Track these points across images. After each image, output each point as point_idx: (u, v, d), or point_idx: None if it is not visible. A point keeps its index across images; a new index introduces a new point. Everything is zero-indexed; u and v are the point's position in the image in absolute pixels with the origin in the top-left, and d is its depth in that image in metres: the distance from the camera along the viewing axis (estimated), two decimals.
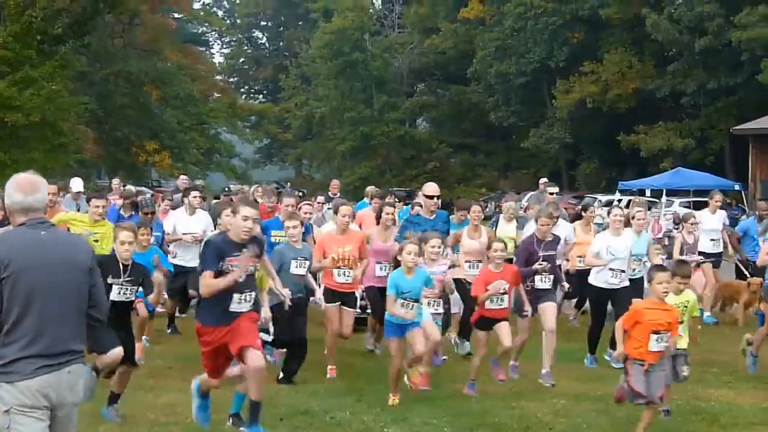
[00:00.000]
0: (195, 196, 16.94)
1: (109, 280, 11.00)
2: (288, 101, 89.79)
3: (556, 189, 21.03)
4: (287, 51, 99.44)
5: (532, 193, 35.30)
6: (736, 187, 47.57)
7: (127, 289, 11.55)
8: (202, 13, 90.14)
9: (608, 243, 15.93)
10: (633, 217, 16.71)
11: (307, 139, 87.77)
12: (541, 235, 15.28)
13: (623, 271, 15.72)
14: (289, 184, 61.85)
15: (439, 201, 13.81)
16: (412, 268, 12.89)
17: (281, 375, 14.51)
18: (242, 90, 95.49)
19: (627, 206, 23.22)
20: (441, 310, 15.23)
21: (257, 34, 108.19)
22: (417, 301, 13.48)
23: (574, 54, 67.15)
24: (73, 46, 46.76)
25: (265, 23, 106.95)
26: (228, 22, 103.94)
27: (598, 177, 60.75)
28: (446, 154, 77.42)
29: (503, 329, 13.93)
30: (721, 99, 59.38)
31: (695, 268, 20.17)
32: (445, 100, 78.35)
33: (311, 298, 14.89)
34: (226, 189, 26.02)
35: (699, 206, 33.25)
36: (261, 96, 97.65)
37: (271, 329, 14.25)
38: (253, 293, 10.68)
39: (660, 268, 12.39)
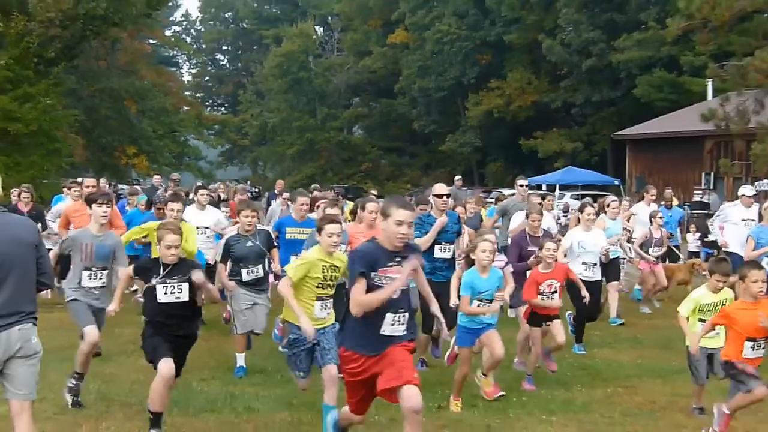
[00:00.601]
0: (202, 194, 16.35)
1: (153, 281, 9.13)
2: (245, 113, 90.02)
3: (525, 182, 19.03)
4: (245, 71, 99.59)
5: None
6: (616, 183, 47.94)
7: (174, 286, 9.33)
8: (173, 40, 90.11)
9: (580, 238, 15.10)
10: (608, 206, 16.48)
11: (261, 144, 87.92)
12: (532, 231, 14.14)
13: (595, 264, 14.92)
14: (248, 182, 61.90)
15: (449, 200, 12.26)
16: (487, 267, 11.10)
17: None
18: (207, 103, 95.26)
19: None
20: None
21: (219, 56, 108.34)
22: (491, 301, 11.73)
23: (482, 73, 67.40)
24: (64, 67, 46.53)
25: (225, 48, 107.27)
26: (195, 46, 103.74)
27: (503, 174, 61.01)
28: (377, 156, 77.56)
29: (556, 326, 12.65)
30: (604, 110, 59.92)
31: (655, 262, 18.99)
32: (376, 111, 78.40)
33: None
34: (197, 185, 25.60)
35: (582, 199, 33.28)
36: (223, 108, 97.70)
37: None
38: (407, 314, 8.03)
39: (753, 265, 10.44)
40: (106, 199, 11.30)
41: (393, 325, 7.76)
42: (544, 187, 42.88)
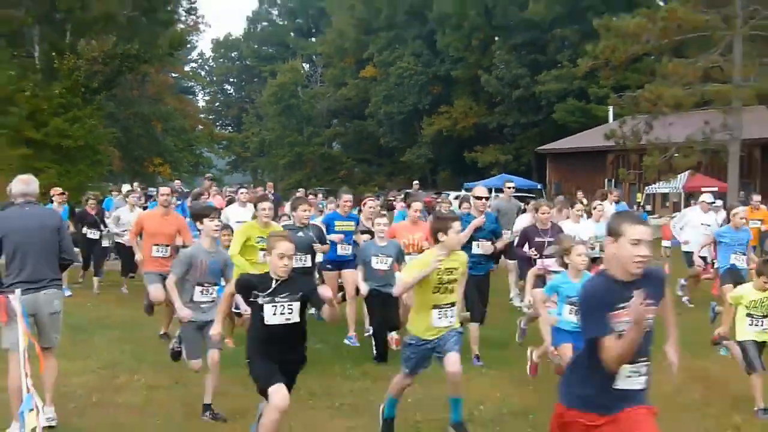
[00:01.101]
0: (242, 192, 15.78)
1: (260, 299, 6.77)
2: (247, 131, 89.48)
3: (512, 184, 18.41)
4: (247, 98, 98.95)
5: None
6: (539, 187, 48.14)
7: (284, 306, 6.86)
8: (190, 73, 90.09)
9: (570, 229, 13.07)
10: (594, 209, 15.10)
11: (260, 156, 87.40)
12: (541, 223, 12.57)
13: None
14: (252, 185, 61.85)
15: (488, 202, 11.15)
16: (581, 272, 9.08)
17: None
18: (217, 124, 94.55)
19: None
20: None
21: (227, 87, 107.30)
22: None
23: (434, 100, 67.37)
24: (105, 96, 46.62)
25: (232, 80, 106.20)
26: (207, 79, 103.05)
27: (451, 180, 61.05)
28: (351, 166, 77.34)
29: None
30: (529, 130, 60.11)
31: None
32: (350, 130, 78.26)
33: None
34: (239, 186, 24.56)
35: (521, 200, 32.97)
36: (229, 128, 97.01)
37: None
38: (647, 363, 5.33)
39: None
40: (217, 214, 9.84)
41: (630, 377, 5.08)
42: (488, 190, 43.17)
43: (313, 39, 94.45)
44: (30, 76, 42.24)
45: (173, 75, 71.84)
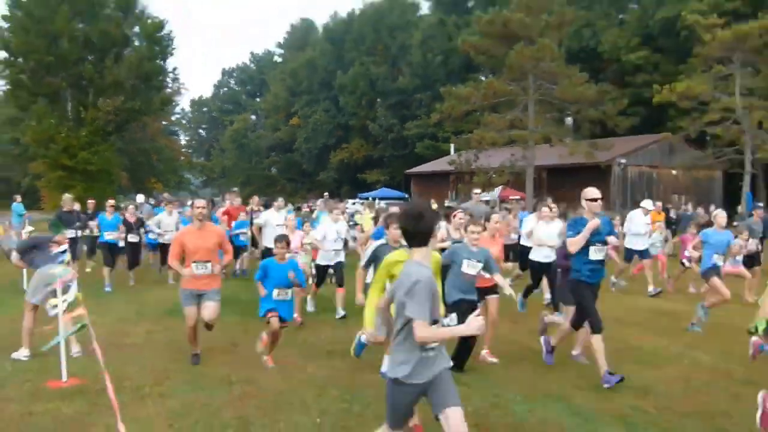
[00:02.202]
0: (280, 200, 13.70)
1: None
2: (214, 160, 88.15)
3: (479, 190, 15.63)
4: (214, 138, 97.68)
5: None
6: (406, 197, 48.05)
7: None
8: (175, 121, 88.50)
9: (541, 228, 10.47)
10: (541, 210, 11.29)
11: (222, 178, 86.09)
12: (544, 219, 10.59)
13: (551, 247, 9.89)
14: (221, 197, 60.88)
15: (601, 203, 7.40)
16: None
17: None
18: (193, 156, 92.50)
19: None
20: None
21: (200, 131, 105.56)
22: None
23: (338, 140, 66.77)
24: (117, 136, 46.52)
25: (204, 126, 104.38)
26: (187, 125, 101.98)
27: (350, 193, 60.27)
28: (284, 183, 76.21)
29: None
30: (400, 159, 59.90)
31: None
32: (283, 160, 77.09)
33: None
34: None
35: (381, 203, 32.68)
36: (202, 158, 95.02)
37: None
38: None
39: None
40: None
41: None
42: (369, 199, 43.20)
43: (258, 99, 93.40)
44: (65, 123, 43.74)
45: (164, 122, 70.18)
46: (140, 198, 21.80)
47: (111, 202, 14.94)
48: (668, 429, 5.44)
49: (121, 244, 14.24)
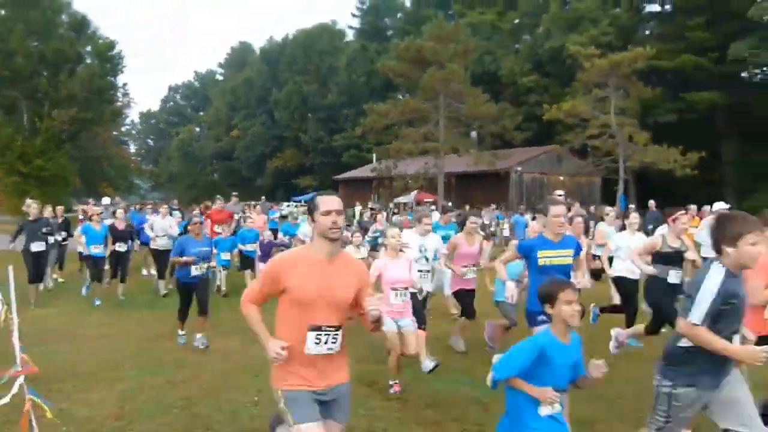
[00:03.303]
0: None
1: None
2: (161, 168, 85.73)
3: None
4: (162, 148, 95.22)
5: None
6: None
7: None
8: (125, 131, 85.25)
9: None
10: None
11: (170, 182, 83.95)
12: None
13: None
14: (175, 201, 59.12)
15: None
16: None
17: None
18: (143, 163, 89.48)
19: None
20: None
21: (149, 140, 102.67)
22: None
23: (273, 150, 66.06)
24: (71, 144, 44.54)
25: (152, 136, 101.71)
26: (136, 135, 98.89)
27: (284, 196, 59.46)
28: (224, 188, 73.94)
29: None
30: (329, 167, 59.47)
31: None
32: (223, 167, 75.86)
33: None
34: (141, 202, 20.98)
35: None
36: (151, 165, 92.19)
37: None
38: None
39: None
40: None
41: None
42: (302, 202, 42.82)
43: (201, 113, 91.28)
44: (21, 132, 41.57)
45: (114, 132, 67.58)
46: (106, 200, 19.25)
47: (97, 210, 12.08)
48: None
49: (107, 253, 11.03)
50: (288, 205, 36.83)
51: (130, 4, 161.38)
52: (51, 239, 11.02)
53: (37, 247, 10.21)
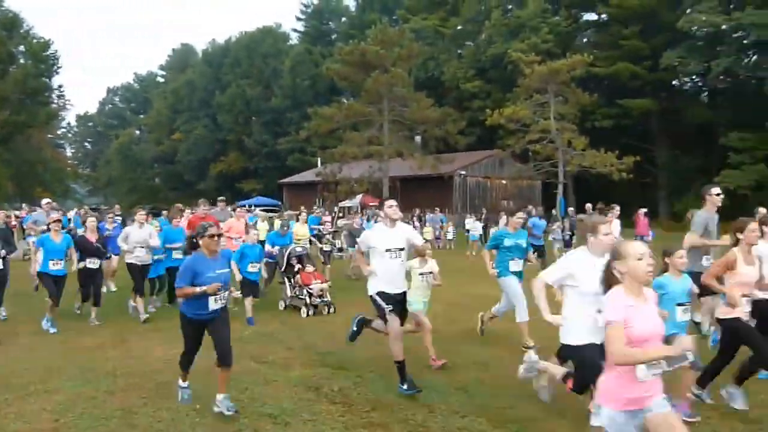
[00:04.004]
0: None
1: None
2: (100, 172, 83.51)
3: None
4: (100, 151, 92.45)
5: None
6: (279, 204, 47.45)
7: None
8: (61, 134, 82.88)
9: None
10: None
11: (108, 186, 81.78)
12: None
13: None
14: (117, 206, 57.39)
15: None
16: None
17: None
18: (80, 167, 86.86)
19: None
20: None
21: (86, 144, 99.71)
22: None
23: (217, 153, 65.18)
24: (3, 147, 42.51)
25: (90, 139, 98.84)
26: (73, 138, 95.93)
27: (230, 201, 59.06)
28: (166, 192, 72.90)
29: None
30: (274, 171, 58.98)
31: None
32: (165, 171, 74.21)
33: None
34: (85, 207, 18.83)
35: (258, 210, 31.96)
36: (89, 169, 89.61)
37: None
38: None
39: None
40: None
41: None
42: (246, 206, 42.20)
43: (142, 116, 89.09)
44: None
45: (50, 135, 65.55)
46: (45, 202, 16.25)
47: (54, 216, 9.41)
48: (498, 394, 5.64)
49: (73, 268, 9.04)
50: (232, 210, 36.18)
51: (67, 3, 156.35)
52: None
53: None
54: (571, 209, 22.67)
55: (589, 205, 19.15)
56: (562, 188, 33.16)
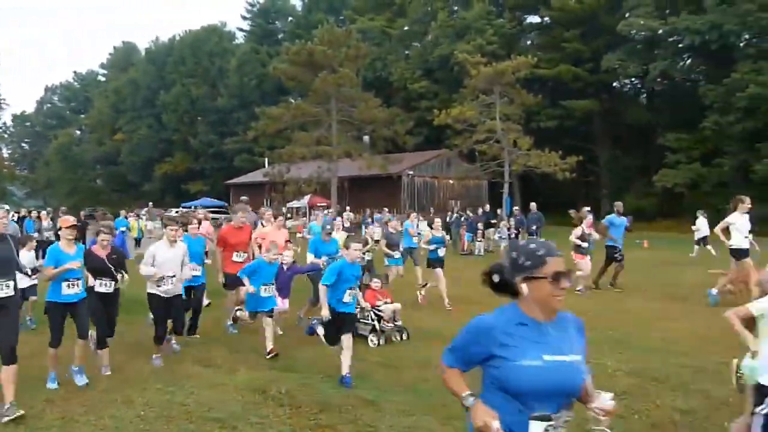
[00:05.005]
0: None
1: None
2: (38, 173, 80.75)
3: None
4: (39, 152, 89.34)
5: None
6: (226, 205, 46.80)
7: None
8: None
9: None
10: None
11: (48, 188, 79.21)
12: None
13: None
14: (64, 208, 55.31)
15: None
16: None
17: None
18: (16, 168, 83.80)
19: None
20: None
21: (24, 144, 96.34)
22: None
23: (161, 154, 64.01)
24: None
25: (28, 140, 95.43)
26: (9, 138, 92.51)
27: (174, 202, 57.41)
28: (109, 193, 71.58)
29: None
30: (221, 171, 58.23)
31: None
32: (108, 172, 72.55)
33: None
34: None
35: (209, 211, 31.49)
36: (26, 170, 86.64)
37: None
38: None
39: None
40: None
41: None
42: (192, 208, 41.52)
43: (82, 115, 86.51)
44: None
45: None
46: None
47: (70, 220, 6.49)
48: (443, 391, 5.66)
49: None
50: (177, 211, 35.52)
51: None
52: None
53: None
54: (516, 208, 23.09)
55: (533, 204, 19.53)
56: (508, 187, 33.71)
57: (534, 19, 48.07)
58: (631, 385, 5.89)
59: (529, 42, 48.38)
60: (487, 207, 25.04)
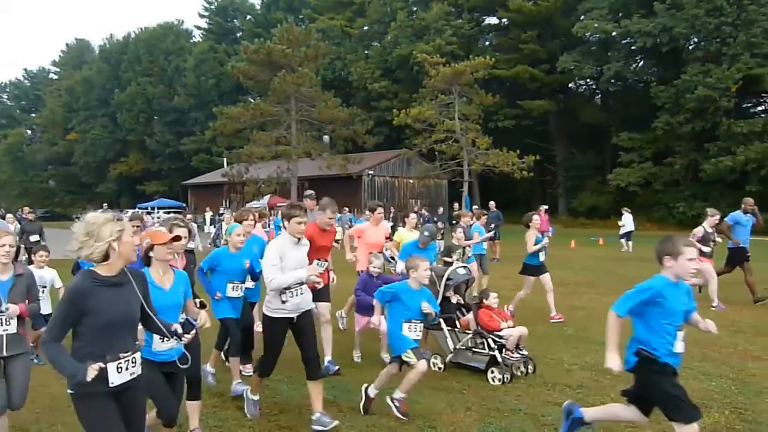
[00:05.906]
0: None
1: None
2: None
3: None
4: None
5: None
6: (184, 206, 46.19)
7: None
8: None
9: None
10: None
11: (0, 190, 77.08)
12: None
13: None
14: (25, 208, 53.65)
15: None
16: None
17: None
18: None
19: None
20: None
21: None
22: None
23: (116, 154, 62.87)
24: None
25: None
26: None
27: (130, 203, 56.21)
28: (63, 195, 69.87)
29: None
30: (178, 172, 57.41)
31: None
32: (62, 173, 70.73)
33: None
34: None
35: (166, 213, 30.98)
36: None
37: None
38: None
39: None
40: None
41: None
42: (149, 208, 40.91)
43: (33, 114, 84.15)
44: None
45: None
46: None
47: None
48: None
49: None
50: (132, 212, 34.93)
51: None
52: None
53: None
54: (476, 207, 23.27)
55: (492, 203, 19.76)
56: (467, 187, 34.05)
57: (492, 20, 48.67)
58: (586, 378, 6.01)
59: (487, 43, 48.97)
60: (441, 210, 25.41)
